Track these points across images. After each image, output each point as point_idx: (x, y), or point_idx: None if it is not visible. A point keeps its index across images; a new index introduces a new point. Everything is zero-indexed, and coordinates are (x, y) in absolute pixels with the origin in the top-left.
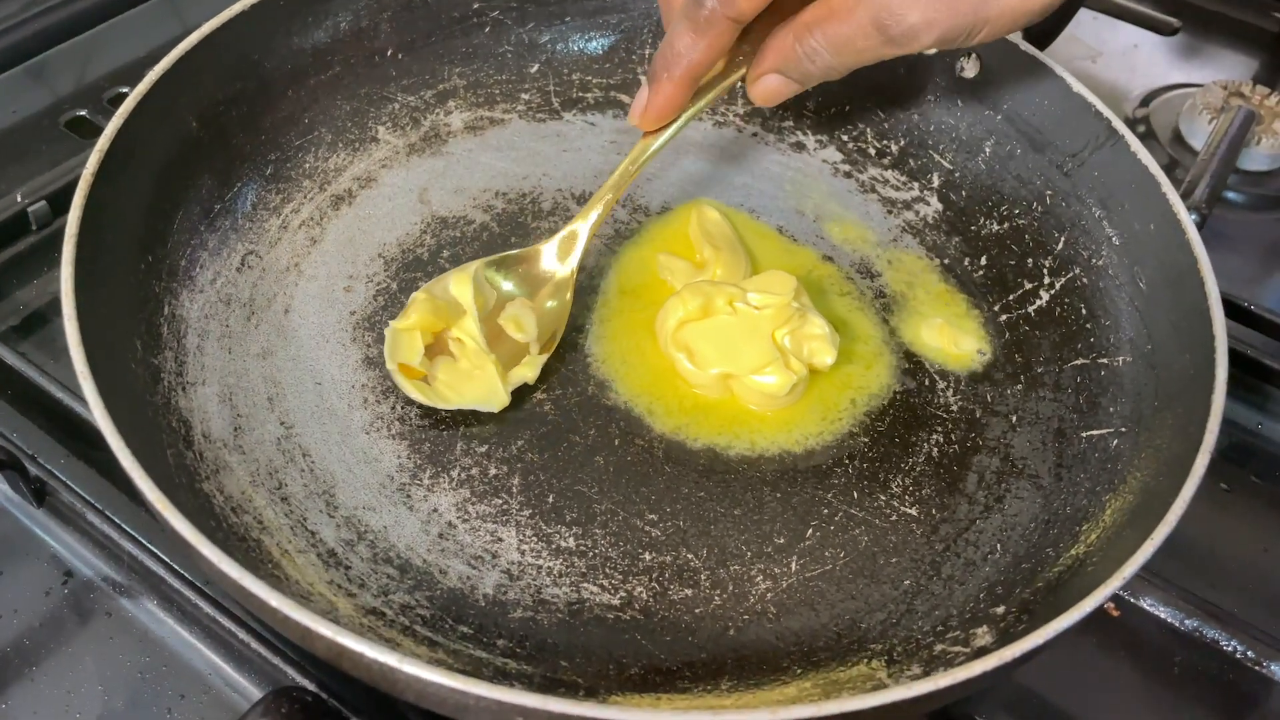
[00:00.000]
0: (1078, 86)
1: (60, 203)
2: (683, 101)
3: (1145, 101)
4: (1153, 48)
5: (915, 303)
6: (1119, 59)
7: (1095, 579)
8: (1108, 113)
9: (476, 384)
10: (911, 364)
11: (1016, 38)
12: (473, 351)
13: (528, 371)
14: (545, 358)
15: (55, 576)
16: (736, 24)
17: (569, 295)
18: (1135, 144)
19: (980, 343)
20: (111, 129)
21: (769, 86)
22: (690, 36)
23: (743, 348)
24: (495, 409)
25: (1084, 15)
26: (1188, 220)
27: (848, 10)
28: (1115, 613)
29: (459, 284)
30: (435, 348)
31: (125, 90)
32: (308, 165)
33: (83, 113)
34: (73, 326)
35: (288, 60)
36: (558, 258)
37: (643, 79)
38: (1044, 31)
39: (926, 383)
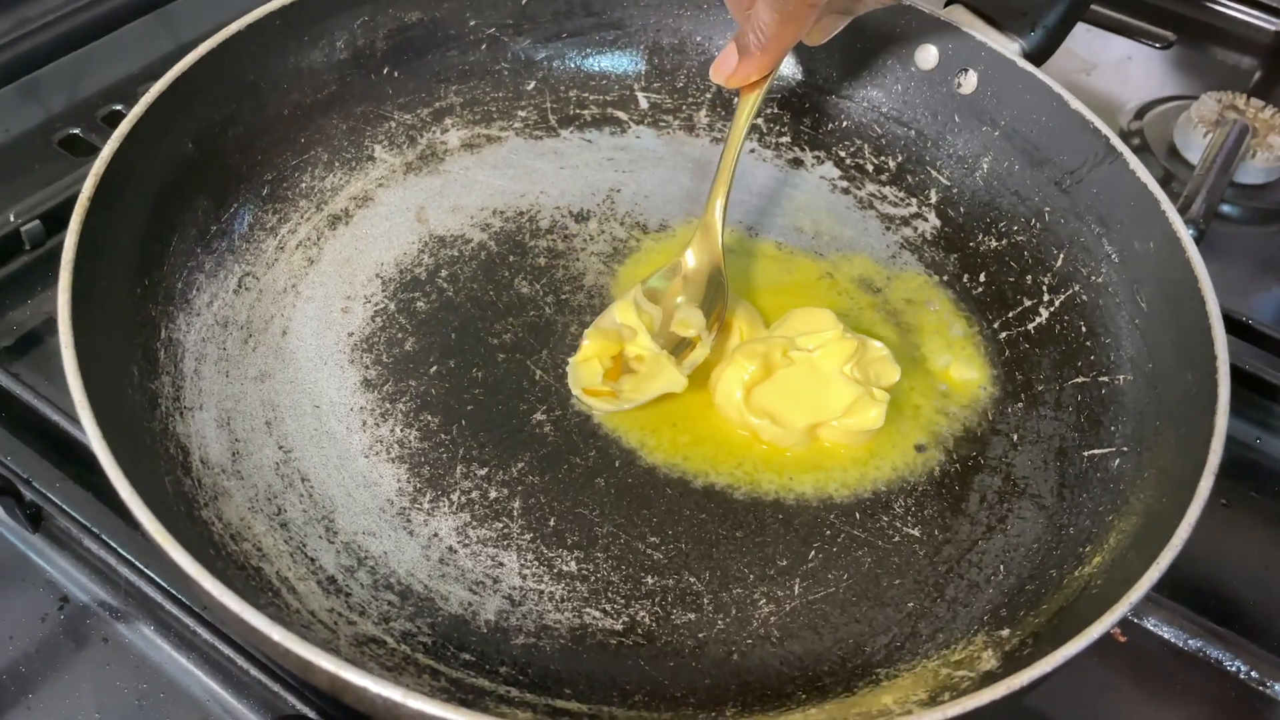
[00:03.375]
0: (1076, 104)
1: (54, 222)
2: (767, 71)
3: (1140, 114)
4: (1146, 60)
5: (914, 320)
6: (1113, 71)
7: (1101, 603)
8: (1106, 130)
9: (656, 379)
10: (916, 386)
11: (1014, 55)
12: (651, 359)
13: (702, 351)
14: (714, 334)
15: (51, 602)
16: (815, 9)
17: (723, 277)
18: (1134, 162)
19: (981, 375)
20: (107, 153)
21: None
22: (780, 19)
23: (822, 393)
24: (678, 390)
25: (1078, 29)
26: (1188, 238)
27: None
28: (1122, 639)
29: (624, 313)
30: (616, 370)
31: (119, 107)
32: (304, 185)
33: (76, 130)
34: (70, 354)
35: (284, 80)
36: (702, 252)
37: (640, 95)
38: (1041, 49)
39: (929, 401)
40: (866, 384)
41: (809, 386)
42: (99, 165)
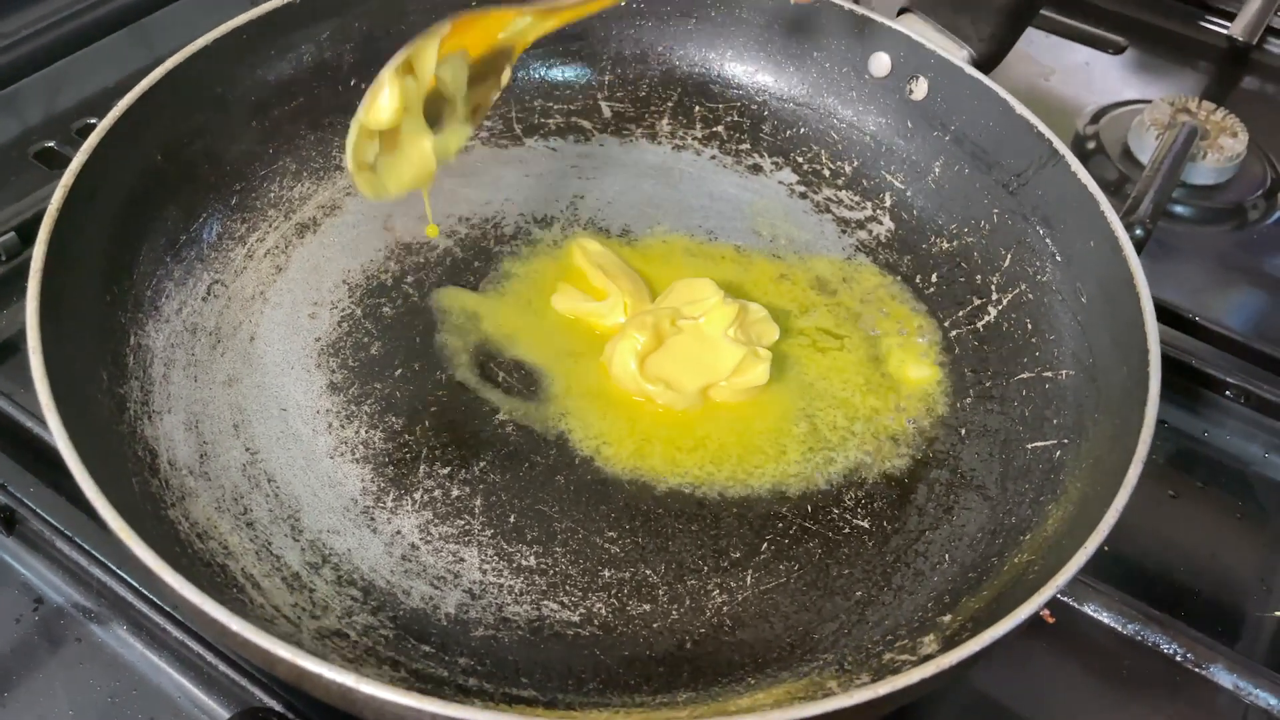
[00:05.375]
0: (1020, 109)
1: (29, 233)
2: None
3: (1096, 118)
4: (1104, 65)
5: (869, 320)
6: (1072, 76)
7: (1034, 587)
8: (1049, 134)
9: (410, 162)
10: (870, 383)
11: (962, 63)
12: (408, 135)
13: (453, 141)
14: (469, 130)
15: (26, 603)
16: None
17: (501, 68)
18: (1075, 164)
19: (933, 372)
20: (76, 165)
21: None
22: None
23: (711, 356)
24: (428, 182)
25: (1038, 34)
26: (1125, 238)
27: None
28: (1051, 620)
29: (391, 80)
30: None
31: (94, 121)
32: (272, 194)
33: (51, 144)
34: (37, 359)
35: (251, 92)
36: (485, 23)
37: (604, 104)
38: (990, 56)
39: (882, 399)
40: (750, 344)
41: (698, 351)
42: (68, 177)
